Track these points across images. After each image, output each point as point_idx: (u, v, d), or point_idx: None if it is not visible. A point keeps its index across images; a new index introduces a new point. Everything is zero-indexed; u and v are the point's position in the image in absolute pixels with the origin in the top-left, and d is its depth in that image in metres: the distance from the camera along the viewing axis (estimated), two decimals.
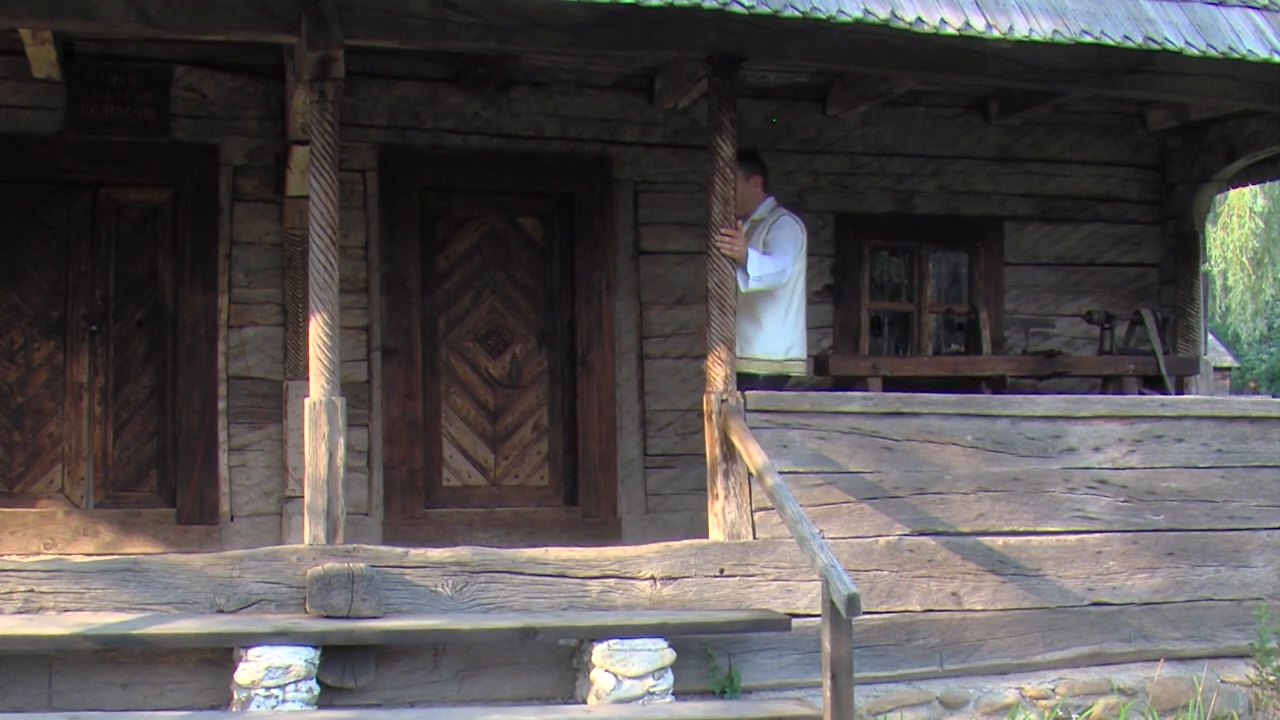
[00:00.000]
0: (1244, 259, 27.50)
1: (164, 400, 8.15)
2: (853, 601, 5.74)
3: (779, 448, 6.81)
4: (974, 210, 9.53)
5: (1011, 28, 6.67)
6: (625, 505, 8.71)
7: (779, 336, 7.51)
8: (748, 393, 6.91)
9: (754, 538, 6.79)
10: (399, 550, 6.38)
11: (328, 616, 6.02)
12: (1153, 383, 9.18)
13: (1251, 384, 30.58)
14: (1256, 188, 23.05)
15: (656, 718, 6.05)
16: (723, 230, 6.87)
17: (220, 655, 5.95)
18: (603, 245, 8.72)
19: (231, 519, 8.14)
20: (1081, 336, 9.67)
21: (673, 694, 6.28)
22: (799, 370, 7.65)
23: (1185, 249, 9.73)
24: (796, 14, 6.36)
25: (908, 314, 9.57)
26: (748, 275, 7.14)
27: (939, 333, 9.53)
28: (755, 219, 7.57)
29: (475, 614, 6.31)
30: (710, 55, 6.89)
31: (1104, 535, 7.29)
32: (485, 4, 6.34)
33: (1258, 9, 7.29)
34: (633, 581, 6.57)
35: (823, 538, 6.16)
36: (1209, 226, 23.07)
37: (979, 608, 7.07)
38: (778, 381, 7.52)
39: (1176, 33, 6.96)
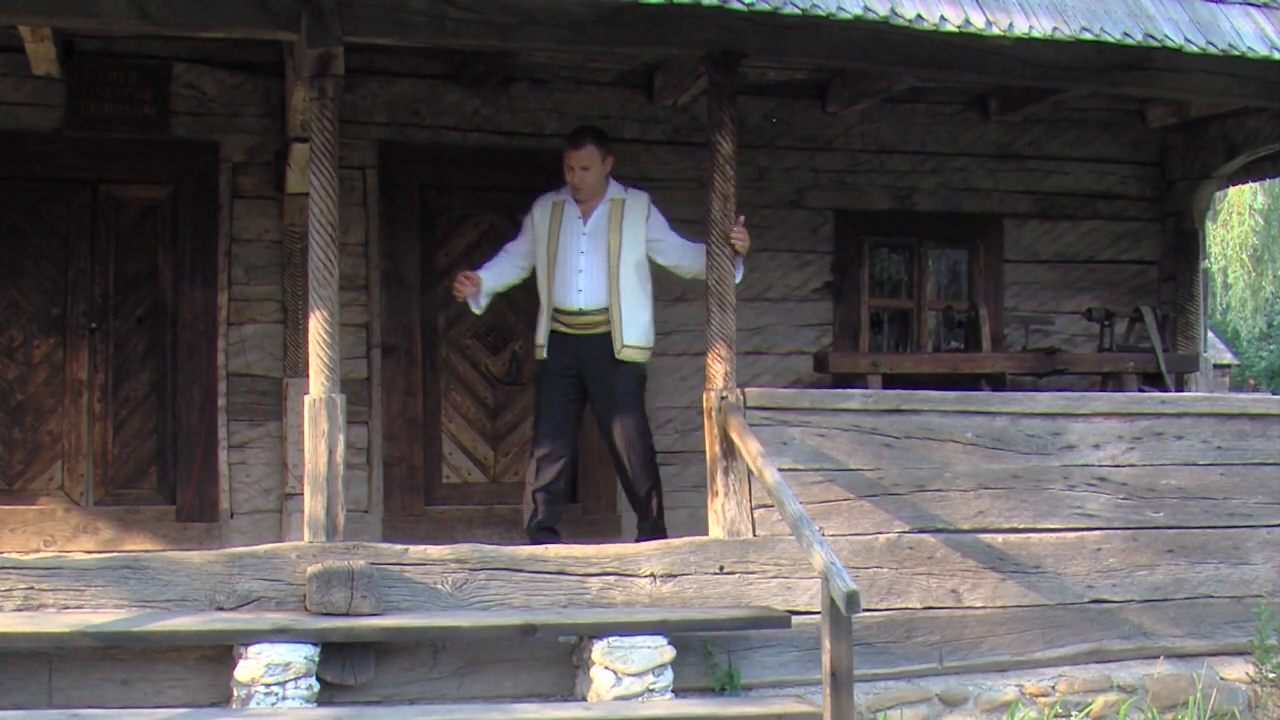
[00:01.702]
0: (1244, 256, 27.53)
1: (164, 397, 8.15)
2: (852, 599, 5.74)
3: (779, 445, 6.81)
4: (974, 207, 9.53)
5: (1011, 25, 6.67)
6: (625, 502, 8.67)
7: (651, 323, 7.45)
8: (747, 390, 6.92)
9: (754, 535, 6.79)
10: (399, 547, 6.39)
11: (327, 614, 6.02)
12: (1152, 380, 9.18)
13: (1251, 381, 30.59)
14: (1256, 185, 23.08)
15: (656, 715, 6.05)
16: (735, 231, 6.90)
17: (220, 652, 5.96)
18: None
19: (231, 516, 8.14)
20: (1081, 334, 9.67)
21: (672, 691, 6.28)
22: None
23: (1185, 246, 9.73)
24: (796, 11, 6.35)
25: (907, 311, 9.56)
26: (742, 269, 7.13)
27: (939, 330, 9.53)
28: (613, 199, 7.41)
29: (475, 611, 6.31)
30: (710, 52, 6.89)
31: (1104, 532, 7.29)
32: (484, 1, 6.34)
33: (1258, 6, 7.29)
34: (632, 579, 6.58)
35: (822, 535, 6.16)
36: (1209, 224, 23.08)
37: (979, 605, 7.07)
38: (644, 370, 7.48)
39: (1176, 30, 6.96)
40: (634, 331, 7.30)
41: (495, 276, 7.56)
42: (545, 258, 7.42)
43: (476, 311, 7.59)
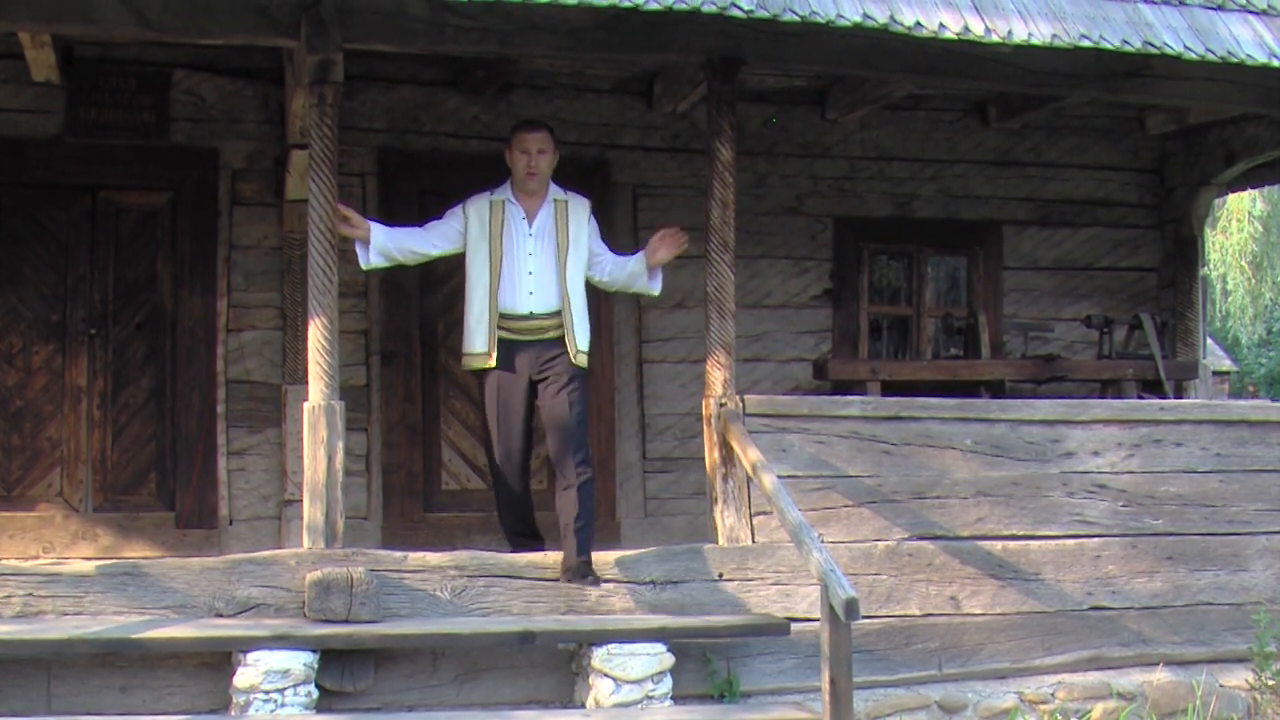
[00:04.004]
0: (1243, 263, 27.50)
1: (163, 404, 8.15)
2: (851, 605, 5.74)
3: (778, 452, 6.81)
4: (973, 214, 9.53)
5: (1010, 32, 6.67)
6: (624, 509, 8.70)
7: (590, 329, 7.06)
8: (746, 397, 6.92)
9: (753, 542, 6.79)
10: (398, 554, 6.38)
11: (326, 621, 6.02)
12: (1152, 387, 9.18)
13: (1250, 388, 30.56)
14: (1255, 192, 23.07)
15: None
16: (665, 239, 6.94)
17: (219, 659, 5.95)
18: None
19: (230, 523, 8.13)
20: (1080, 340, 9.67)
21: (671, 698, 6.28)
22: None
23: (1184, 253, 9.74)
24: (795, 18, 6.36)
25: (907, 318, 9.57)
26: (659, 279, 7.09)
27: (938, 337, 9.53)
28: (556, 199, 6.98)
29: (474, 618, 6.30)
30: (709, 59, 6.89)
31: (1103, 539, 7.29)
32: (484, 8, 6.34)
33: (1256, 13, 7.29)
34: (632, 585, 6.57)
35: (822, 542, 6.16)
36: (1208, 230, 23.02)
37: (978, 612, 7.07)
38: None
39: (1175, 37, 6.96)
40: (584, 337, 6.90)
41: (394, 240, 6.90)
42: (486, 261, 6.87)
43: (363, 265, 6.92)
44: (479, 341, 6.87)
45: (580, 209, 7.06)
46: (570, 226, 6.97)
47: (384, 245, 6.86)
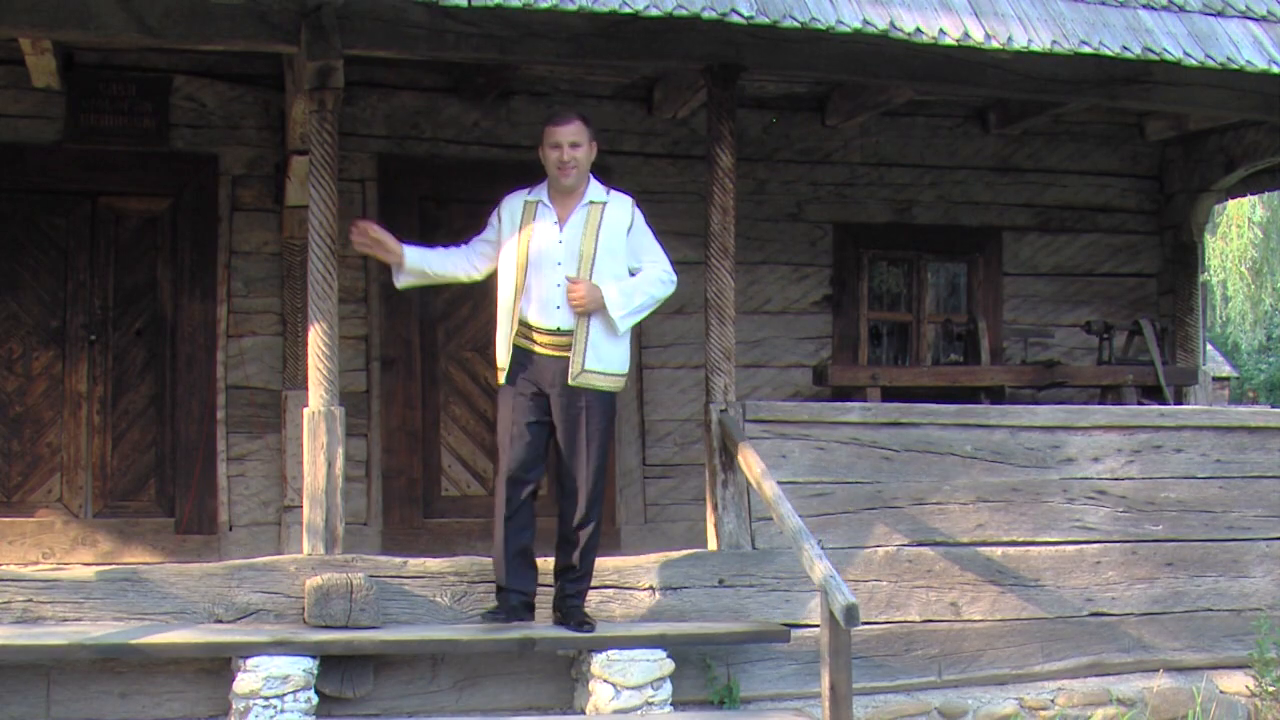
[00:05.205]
0: (1243, 269, 27.52)
1: (163, 410, 8.15)
2: (851, 612, 5.74)
3: (778, 458, 6.81)
4: (973, 220, 9.54)
5: (1010, 38, 6.68)
6: (624, 515, 8.70)
7: (626, 348, 6.38)
8: (746, 402, 6.91)
9: (753, 548, 6.78)
10: (398, 560, 6.38)
11: (326, 626, 6.02)
12: (1151, 393, 9.18)
13: (1250, 394, 30.53)
14: (1255, 198, 23.09)
15: None
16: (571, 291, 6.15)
17: (218, 665, 5.94)
18: None
19: (230, 528, 8.13)
20: (1080, 347, 9.68)
21: (671, 704, 6.27)
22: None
23: (1184, 259, 9.74)
24: (796, 24, 6.36)
25: (906, 324, 9.57)
26: (612, 318, 6.18)
27: (938, 343, 9.54)
28: (593, 201, 6.30)
29: (474, 624, 6.29)
30: (709, 65, 6.90)
31: (1103, 545, 7.29)
32: (485, 14, 6.34)
33: (1256, 20, 7.30)
34: (631, 591, 6.57)
35: (822, 548, 6.15)
36: (1208, 236, 23.06)
37: (978, 618, 7.06)
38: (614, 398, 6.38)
39: (1175, 43, 6.97)
40: (599, 355, 6.19)
41: (429, 264, 6.41)
42: (513, 268, 6.24)
43: (398, 286, 6.52)
44: (499, 353, 6.30)
45: (619, 211, 6.34)
46: (601, 232, 6.25)
47: (419, 268, 6.40)
